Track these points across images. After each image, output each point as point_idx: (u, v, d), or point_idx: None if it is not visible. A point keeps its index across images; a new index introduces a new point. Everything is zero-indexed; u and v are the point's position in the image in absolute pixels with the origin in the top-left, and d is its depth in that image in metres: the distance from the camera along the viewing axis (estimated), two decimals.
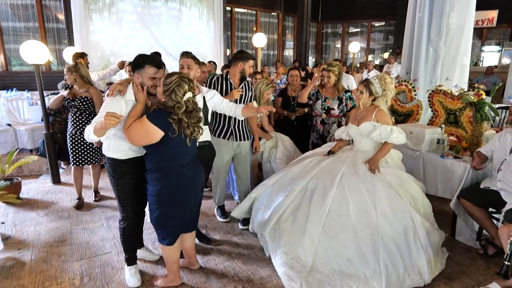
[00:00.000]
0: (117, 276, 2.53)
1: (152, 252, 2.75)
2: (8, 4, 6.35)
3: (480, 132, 3.12)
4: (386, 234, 2.35)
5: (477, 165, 2.79)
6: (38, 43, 3.99)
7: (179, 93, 2.02)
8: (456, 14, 3.69)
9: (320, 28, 12.82)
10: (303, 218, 2.46)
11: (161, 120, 2.03)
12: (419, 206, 2.58)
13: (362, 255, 2.31)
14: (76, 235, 3.11)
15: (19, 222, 3.37)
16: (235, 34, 9.95)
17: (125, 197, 2.36)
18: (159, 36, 6.71)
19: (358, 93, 2.70)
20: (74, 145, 3.55)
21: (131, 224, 2.42)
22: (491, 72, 7.94)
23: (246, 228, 3.14)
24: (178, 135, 2.05)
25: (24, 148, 5.11)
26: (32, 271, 2.58)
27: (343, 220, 2.39)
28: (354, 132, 2.77)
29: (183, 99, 2.03)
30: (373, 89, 2.65)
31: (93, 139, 2.10)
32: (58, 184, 4.34)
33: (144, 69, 2.15)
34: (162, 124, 2.03)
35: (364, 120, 2.70)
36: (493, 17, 10.13)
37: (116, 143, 2.26)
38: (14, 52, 6.54)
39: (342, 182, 2.53)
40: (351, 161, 2.69)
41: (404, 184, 2.59)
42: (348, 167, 2.63)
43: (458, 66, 3.83)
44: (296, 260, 2.36)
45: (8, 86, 5.82)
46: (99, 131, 2.04)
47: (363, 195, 2.45)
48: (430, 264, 2.37)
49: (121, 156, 2.28)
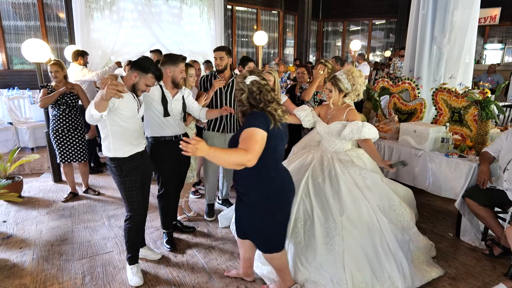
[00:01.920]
0: (118, 276, 2.51)
1: (154, 251, 2.74)
2: (10, 3, 6.32)
3: (485, 131, 3.08)
4: (351, 239, 2.25)
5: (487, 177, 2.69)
6: (40, 42, 3.98)
7: (240, 78, 1.94)
8: (460, 11, 3.65)
9: (321, 26, 12.76)
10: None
11: (258, 117, 1.82)
12: (390, 210, 2.43)
13: (331, 261, 2.23)
14: (77, 234, 3.09)
15: (21, 220, 3.36)
16: (235, 32, 9.91)
17: (133, 194, 2.36)
18: (160, 34, 6.67)
19: (327, 92, 2.57)
20: (59, 142, 3.63)
21: (138, 222, 2.43)
22: (493, 70, 7.88)
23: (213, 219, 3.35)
24: (273, 126, 1.83)
25: (25, 147, 5.09)
26: (34, 270, 2.57)
27: (307, 226, 2.34)
28: (323, 129, 2.63)
29: (247, 81, 1.90)
30: (341, 85, 2.52)
31: (95, 115, 2.03)
32: (59, 183, 4.34)
33: (146, 75, 2.23)
34: (262, 121, 1.81)
35: (334, 119, 2.58)
36: (496, 15, 10.06)
37: (115, 142, 2.26)
38: (15, 50, 6.52)
39: (306, 188, 2.45)
40: (318, 162, 2.57)
41: (374, 187, 2.44)
42: (314, 170, 2.53)
43: (462, 64, 3.80)
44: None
45: (10, 85, 5.81)
46: (99, 103, 1.98)
47: (328, 200, 2.36)
48: (401, 271, 2.24)
49: (123, 154, 2.29)
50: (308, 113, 2.70)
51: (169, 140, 2.68)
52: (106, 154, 2.31)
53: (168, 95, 2.64)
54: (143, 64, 2.23)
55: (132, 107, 2.29)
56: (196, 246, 2.91)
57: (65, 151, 3.68)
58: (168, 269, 2.59)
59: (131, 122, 2.30)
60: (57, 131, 3.61)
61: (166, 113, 2.62)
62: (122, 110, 2.21)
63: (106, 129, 2.24)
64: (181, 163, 2.81)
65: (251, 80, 1.87)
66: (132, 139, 2.32)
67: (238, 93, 1.93)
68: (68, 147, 3.67)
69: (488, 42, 10.68)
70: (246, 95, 1.88)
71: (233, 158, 1.63)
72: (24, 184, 4.07)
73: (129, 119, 2.28)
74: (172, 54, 2.68)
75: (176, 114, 2.70)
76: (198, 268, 2.60)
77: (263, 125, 1.78)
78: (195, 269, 2.59)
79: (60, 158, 3.70)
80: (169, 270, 2.58)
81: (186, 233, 3.10)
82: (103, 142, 2.30)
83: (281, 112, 1.89)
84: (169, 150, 2.67)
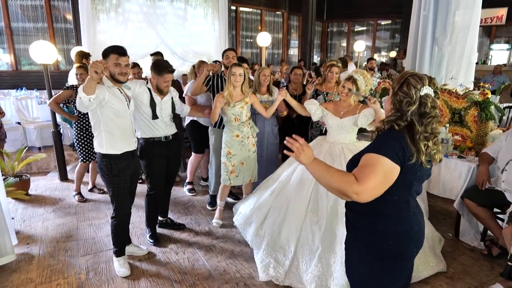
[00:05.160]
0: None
1: (140, 248, 2.81)
2: (18, 5, 6.46)
3: (485, 132, 3.09)
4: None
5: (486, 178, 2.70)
6: (47, 44, 4.07)
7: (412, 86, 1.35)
8: (461, 12, 3.66)
9: (325, 27, 12.75)
10: (284, 210, 2.60)
11: (390, 142, 1.33)
12: None
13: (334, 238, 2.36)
14: (82, 231, 3.17)
15: (28, 217, 3.45)
16: (240, 33, 9.96)
17: (121, 194, 2.41)
18: (165, 35, 6.76)
19: (347, 90, 2.76)
20: (84, 141, 3.67)
21: (124, 219, 2.51)
22: (499, 71, 7.81)
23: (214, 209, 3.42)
24: (415, 160, 1.32)
25: (33, 146, 5.20)
26: (40, 265, 2.65)
27: (324, 208, 2.47)
28: (334, 123, 2.81)
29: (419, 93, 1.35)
30: (359, 84, 2.74)
31: (83, 98, 2.04)
32: (65, 181, 4.43)
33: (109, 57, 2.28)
34: (395, 148, 1.31)
35: (349, 114, 2.77)
36: (503, 15, 9.96)
37: (108, 138, 2.32)
38: (23, 52, 6.65)
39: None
40: (328, 151, 2.76)
41: None
42: (327, 156, 2.71)
43: (464, 65, 3.80)
44: (279, 250, 2.48)
45: (18, 85, 5.93)
46: (87, 85, 2.01)
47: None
48: None
49: (116, 150, 2.34)
50: (318, 107, 2.92)
51: (158, 141, 2.75)
52: (98, 150, 2.36)
53: (157, 98, 2.70)
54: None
55: (120, 99, 2.34)
56: (197, 244, 2.96)
57: (87, 151, 3.70)
58: (170, 265, 2.65)
59: (124, 116, 2.36)
60: (81, 131, 3.65)
61: (154, 116, 2.69)
62: (112, 104, 2.28)
63: (99, 124, 2.30)
64: (171, 163, 2.88)
65: (426, 93, 1.36)
66: (125, 135, 2.38)
67: (404, 101, 1.35)
68: (90, 147, 3.69)
69: (494, 43, 10.58)
70: (415, 107, 1.34)
71: (335, 182, 1.26)
72: (31, 183, 4.17)
73: (121, 113, 2.34)
74: (160, 64, 2.70)
75: (166, 116, 2.76)
76: (198, 265, 2.66)
77: (395, 154, 1.29)
78: (196, 266, 2.64)
79: (85, 158, 3.71)
80: (170, 266, 2.64)
81: (187, 231, 3.17)
82: (96, 139, 2.36)
83: (433, 146, 1.36)
84: (159, 150, 2.75)
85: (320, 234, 2.40)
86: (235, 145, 3.05)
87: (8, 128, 4.93)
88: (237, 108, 3.00)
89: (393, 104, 1.40)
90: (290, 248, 2.44)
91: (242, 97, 3.03)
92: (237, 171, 3.10)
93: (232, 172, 3.09)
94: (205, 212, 3.56)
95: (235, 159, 3.06)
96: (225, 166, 3.09)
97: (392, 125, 1.37)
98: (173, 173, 3.03)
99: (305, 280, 2.31)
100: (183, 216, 3.47)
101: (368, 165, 1.29)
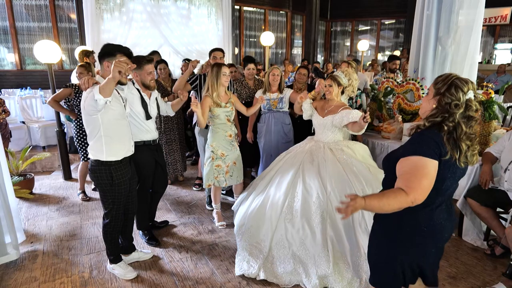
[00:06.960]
0: None
1: (144, 252, 2.78)
2: (23, 4, 6.51)
3: (489, 131, 3.08)
4: (334, 212, 2.41)
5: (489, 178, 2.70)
6: (51, 43, 4.10)
7: (460, 89, 1.40)
8: (465, 11, 3.64)
9: (329, 26, 12.72)
10: (264, 206, 2.64)
11: (427, 141, 1.39)
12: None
13: (313, 235, 2.40)
14: (86, 229, 3.19)
15: (32, 216, 3.48)
16: (243, 32, 9.97)
17: (120, 202, 2.33)
18: (168, 35, 6.78)
19: (327, 87, 2.83)
20: (82, 140, 3.68)
21: (117, 225, 2.41)
22: (503, 70, 7.76)
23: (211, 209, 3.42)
24: (449, 157, 1.38)
25: (37, 145, 5.25)
26: (44, 263, 2.67)
27: (298, 205, 2.51)
28: (318, 122, 2.88)
29: (465, 97, 1.40)
30: (340, 80, 2.81)
31: (100, 100, 1.91)
32: (69, 180, 4.46)
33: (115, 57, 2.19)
34: (431, 146, 1.38)
35: (330, 114, 2.81)
36: (507, 14, 9.89)
37: (109, 143, 2.20)
38: (28, 51, 6.71)
39: (299, 170, 2.67)
40: (309, 150, 2.82)
41: (360, 173, 2.57)
42: (307, 155, 2.77)
43: (467, 65, 3.78)
44: (255, 246, 2.52)
45: (22, 85, 5.99)
46: (105, 86, 1.87)
47: (317, 179, 2.56)
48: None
49: (117, 157, 2.25)
50: (309, 106, 2.97)
51: (148, 144, 2.71)
52: (97, 157, 2.19)
53: (146, 98, 2.66)
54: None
55: (119, 101, 2.27)
56: (200, 242, 2.98)
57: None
58: (173, 264, 2.67)
59: (123, 119, 2.29)
60: (81, 129, 3.64)
61: (148, 116, 2.63)
62: (113, 106, 2.17)
63: (98, 130, 2.17)
64: (160, 166, 2.86)
65: (470, 97, 1.41)
66: (125, 139, 2.30)
67: (453, 103, 1.39)
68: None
69: (498, 42, 10.51)
70: (463, 110, 1.39)
71: (394, 205, 1.31)
72: (36, 181, 4.20)
73: (120, 116, 2.26)
74: (137, 57, 2.52)
75: (153, 116, 2.74)
76: (201, 263, 2.67)
77: (433, 152, 1.36)
78: (199, 264, 2.66)
79: (86, 156, 3.70)
80: (173, 265, 2.65)
81: (190, 230, 3.18)
82: (92, 146, 2.21)
83: (473, 146, 1.43)
84: (149, 154, 2.71)
85: (294, 231, 2.45)
86: (227, 146, 3.07)
87: (13, 127, 4.98)
88: (228, 108, 3.03)
89: (439, 104, 1.42)
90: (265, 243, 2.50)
91: (228, 98, 3.06)
92: (231, 171, 3.13)
93: (227, 173, 3.11)
94: (208, 211, 3.57)
95: (229, 159, 3.09)
96: (220, 168, 3.09)
97: (433, 124, 1.42)
98: (161, 180, 2.93)
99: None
100: (186, 215, 3.49)
101: (413, 171, 1.35)
